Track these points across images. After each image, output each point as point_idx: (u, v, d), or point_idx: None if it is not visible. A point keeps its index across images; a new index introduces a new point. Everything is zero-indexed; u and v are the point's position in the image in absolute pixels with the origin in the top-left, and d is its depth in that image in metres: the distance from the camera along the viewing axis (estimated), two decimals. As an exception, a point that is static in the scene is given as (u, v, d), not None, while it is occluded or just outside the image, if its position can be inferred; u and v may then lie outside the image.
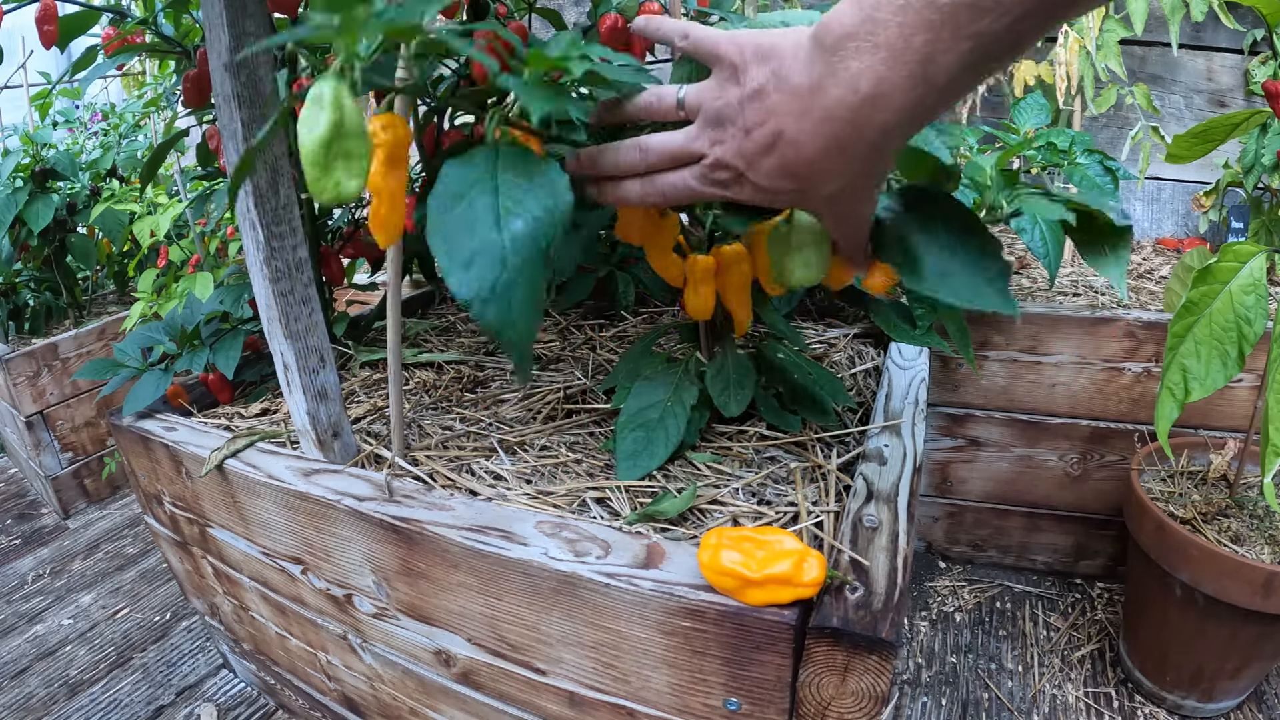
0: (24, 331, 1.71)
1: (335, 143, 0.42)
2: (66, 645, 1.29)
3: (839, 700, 0.52)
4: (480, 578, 0.63)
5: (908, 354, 0.97)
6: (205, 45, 0.62)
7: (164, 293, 1.51)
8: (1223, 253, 0.72)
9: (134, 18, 0.94)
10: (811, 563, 0.52)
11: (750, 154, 0.45)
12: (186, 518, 0.92)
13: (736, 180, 0.48)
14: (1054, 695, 1.10)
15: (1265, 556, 0.90)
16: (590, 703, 0.64)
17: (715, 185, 0.49)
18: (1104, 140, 1.58)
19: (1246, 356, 0.70)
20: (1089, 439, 1.24)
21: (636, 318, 1.15)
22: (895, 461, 0.71)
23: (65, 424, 1.68)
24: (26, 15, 0.89)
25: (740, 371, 0.76)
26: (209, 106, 0.93)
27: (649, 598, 0.55)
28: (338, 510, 0.70)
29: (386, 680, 0.82)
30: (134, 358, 0.96)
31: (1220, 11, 1.28)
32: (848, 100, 0.39)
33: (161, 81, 1.78)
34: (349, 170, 0.43)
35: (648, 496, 0.69)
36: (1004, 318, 1.19)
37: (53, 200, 1.55)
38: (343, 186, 0.43)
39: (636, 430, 0.73)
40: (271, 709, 1.12)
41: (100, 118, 2.10)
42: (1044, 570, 1.37)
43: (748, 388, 0.75)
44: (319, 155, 0.42)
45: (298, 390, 0.72)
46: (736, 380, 0.75)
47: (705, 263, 0.67)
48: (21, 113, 1.90)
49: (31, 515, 1.74)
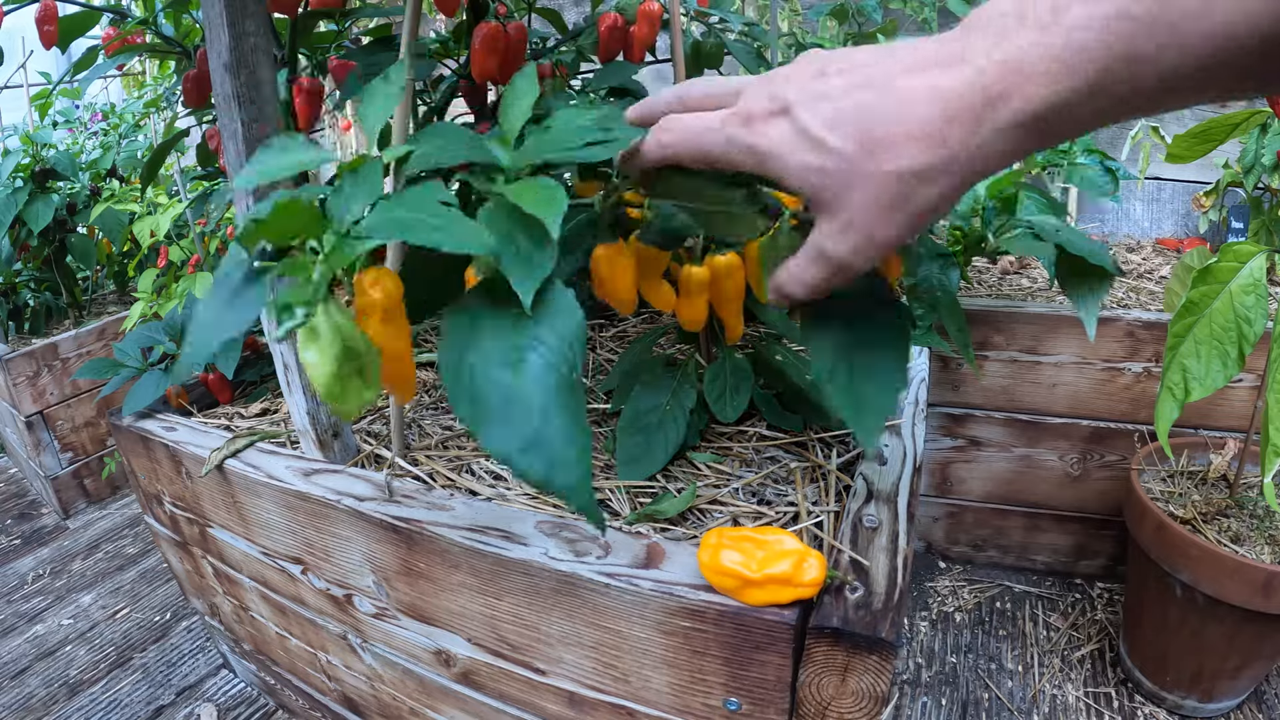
0: (24, 331, 1.71)
1: (345, 366, 0.40)
2: (66, 645, 1.29)
3: (839, 700, 0.52)
4: (480, 578, 0.63)
5: (908, 354, 0.97)
6: (205, 45, 0.62)
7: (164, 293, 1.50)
8: (1223, 253, 0.72)
9: (134, 18, 0.94)
10: (811, 563, 0.52)
11: (811, 88, 0.36)
12: (186, 518, 0.92)
13: (771, 117, 0.37)
14: (1054, 695, 1.10)
15: (1265, 556, 0.90)
16: (590, 703, 0.64)
17: (740, 123, 0.38)
18: (1104, 140, 1.58)
19: (1246, 356, 0.70)
20: (1089, 439, 1.24)
21: (636, 318, 1.15)
22: (895, 461, 0.71)
23: (65, 424, 1.68)
24: (26, 15, 0.89)
25: (738, 376, 0.76)
26: (209, 106, 0.93)
27: (649, 598, 0.55)
28: (338, 510, 0.70)
29: (386, 680, 0.82)
30: (134, 358, 0.96)
31: (1220, 11, 1.27)
32: (987, 70, 0.31)
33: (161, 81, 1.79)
34: (366, 381, 0.41)
35: (648, 496, 0.69)
36: (1004, 317, 1.19)
37: (53, 200, 1.55)
38: (364, 399, 0.41)
39: (636, 435, 0.73)
40: (271, 709, 1.12)
41: (100, 118, 2.11)
42: (1044, 570, 1.37)
43: (744, 393, 0.75)
44: (334, 387, 0.40)
45: (298, 390, 0.72)
46: (733, 386, 0.75)
47: (699, 275, 0.67)
48: (21, 113, 1.91)
49: (31, 515, 1.74)
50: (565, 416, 0.39)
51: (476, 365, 0.40)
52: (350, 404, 0.41)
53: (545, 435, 0.38)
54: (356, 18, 1.03)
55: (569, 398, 0.39)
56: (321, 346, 0.39)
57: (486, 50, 0.79)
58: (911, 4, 1.41)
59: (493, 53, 0.80)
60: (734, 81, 0.43)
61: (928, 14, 1.42)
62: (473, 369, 0.40)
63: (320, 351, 0.39)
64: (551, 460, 0.38)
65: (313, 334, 0.39)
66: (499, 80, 0.83)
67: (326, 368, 0.39)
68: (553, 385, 0.39)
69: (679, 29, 0.66)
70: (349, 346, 0.40)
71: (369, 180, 0.41)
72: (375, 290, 0.43)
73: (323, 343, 0.39)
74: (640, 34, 0.89)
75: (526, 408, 0.39)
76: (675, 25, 0.66)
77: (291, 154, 0.44)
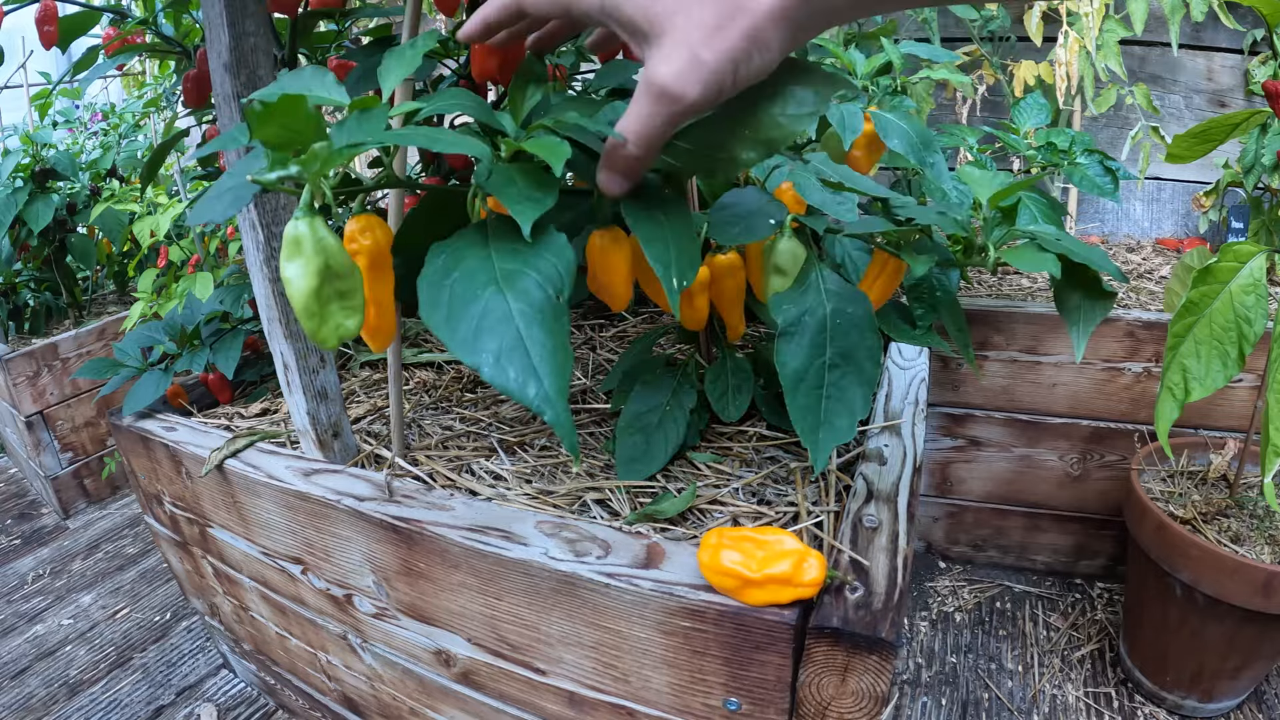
0: (24, 331, 1.71)
1: (325, 286, 0.39)
2: (66, 645, 1.29)
3: (839, 700, 0.52)
4: (480, 578, 0.63)
5: (907, 354, 0.97)
6: (205, 45, 0.62)
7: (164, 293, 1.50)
8: (1223, 253, 0.71)
9: (134, 18, 0.94)
10: (811, 563, 0.52)
11: None
12: (186, 518, 0.92)
13: None
14: (1054, 695, 1.10)
15: (1265, 556, 0.90)
16: (590, 703, 0.64)
17: None
18: (1104, 140, 1.58)
19: (1247, 356, 0.70)
20: (1089, 439, 1.24)
21: (636, 318, 1.15)
22: (895, 461, 0.71)
23: (65, 424, 1.68)
24: (26, 15, 0.89)
25: (739, 376, 0.76)
26: (209, 106, 0.93)
27: (649, 598, 0.55)
28: (338, 510, 0.70)
29: (386, 680, 0.82)
30: (134, 358, 0.96)
31: (1220, 11, 1.28)
32: None
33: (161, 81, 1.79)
34: (346, 309, 0.40)
35: (648, 496, 0.69)
36: (1004, 317, 1.19)
37: (53, 200, 1.55)
38: (343, 329, 0.41)
39: (635, 435, 0.73)
40: (271, 709, 1.12)
41: (100, 118, 2.10)
42: (1044, 570, 1.37)
43: (746, 392, 0.75)
44: (311, 305, 0.39)
45: (298, 390, 0.72)
46: (735, 385, 0.75)
47: (700, 274, 0.67)
48: (21, 113, 1.91)
49: (31, 515, 1.74)
50: (546, 330, 0.38)
51: (459, 281, 0.39)
52: (328, 328, 0.40)
53: (523, 344, 0.37)
54: (356, 18, 1.03)
55: (553, 316, 0.38)
56: (304, 259, 0.38)
57: (486, 50, 0.79)
58: (911, 4, 1.41)
59: (493, 53, 0.79)
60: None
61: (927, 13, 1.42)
62: (455, 284, 0.39)
63: (303, 264, 0.38)
64: (527, 369, 0.37)
65: (296, 245, 0.38)
66: (499, 80, 0.83)
67: (308, 282, 0.38)
68: (538, 301, 0.38)
69: (679, 29, 0.66)
70: (332, 266, 0.39)
71: (375, 120, 0.41)
72: (365, 236, 0.44)
73: (305, 255, 0.38)
74: (640, 34, 0.89)
75: (505, 316, 0.38)
76: (675, 25, 0.66)
77: (311, 84, 0.44)
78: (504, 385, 0.36)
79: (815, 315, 0.54)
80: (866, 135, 0.78)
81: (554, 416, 0.36)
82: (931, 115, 1.58)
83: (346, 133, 0.40)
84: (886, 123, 0.76)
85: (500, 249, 0.41)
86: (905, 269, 0.63)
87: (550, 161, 0.40)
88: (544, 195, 0.41)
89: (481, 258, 0.40)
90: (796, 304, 0.55)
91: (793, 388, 0.52)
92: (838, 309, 0.55)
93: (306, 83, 0.44)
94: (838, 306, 0.55)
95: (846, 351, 0.53)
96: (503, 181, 0.41)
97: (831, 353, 0.53)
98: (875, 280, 0.65)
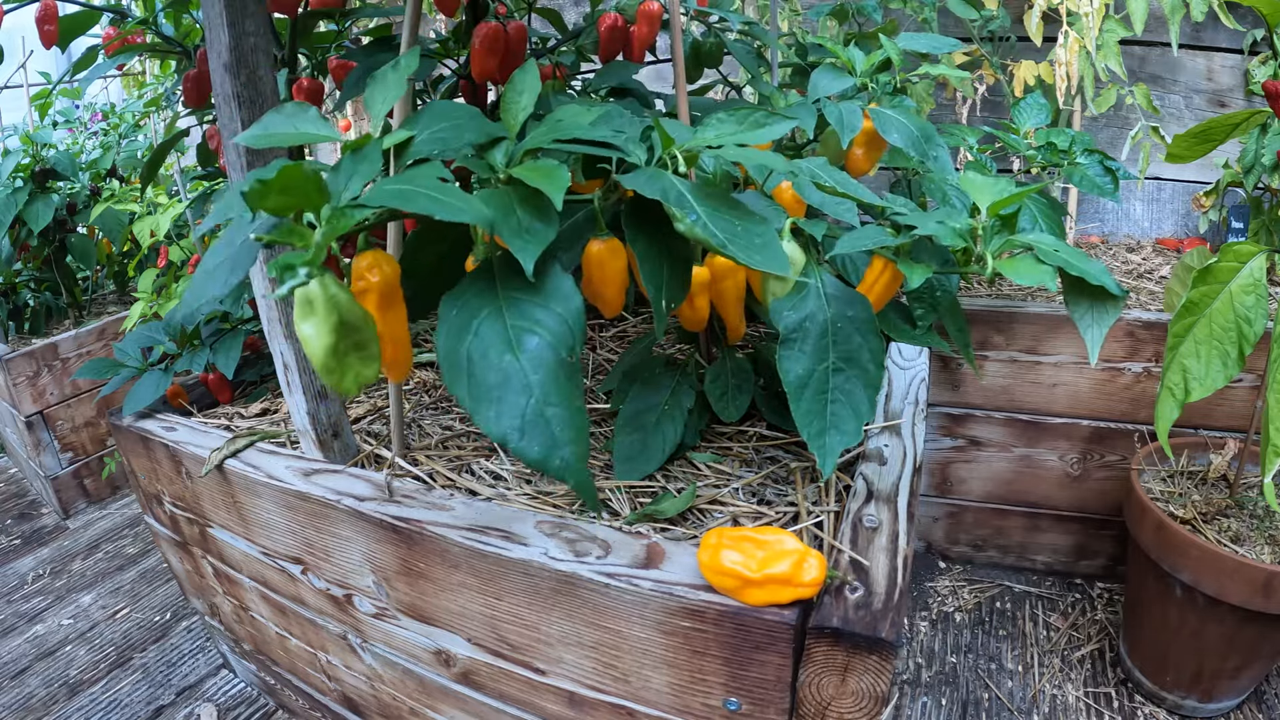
0: (24, 331, 1.71)
1: (342, 341, 0.39)
2: (66, 645, 1.29)
3: (839, 700, 0.52)
4: (480, 578, 0.63)
5: (908, 354, 0.97)
6: (205, 45, 0.62)
7: (164, 293, 1.51)
8: (1223, 253, 0.71)
9: (134, 18, 0.94)
10: (811, 563, 0.52)
11: None
12: (186, 518, 0.92)
13: None
14: (1054, 695, 1.10)
15: (1265, 556, 0.90)
16: (590, 703, 0.64)
17: None
18: (1104, 140, 1.58)
19: (1247, 356, 0.70)
20: (1089, 439, 1.24)
21: (636, 318, 1.15)
22: (895, 461, 0.71)
23: (65, 424, 1.68)
24: (26, 15, 0.89)
25: (739, 376, 0.76)
26: (209, 106, 0.93)
27: (649, 598, 0.55)
28: (338, 510, 0.70)
29: (386, 680, 0.82)
30: (134, 358, 0.96)
31: (1220, 11, 1.28)
32: None
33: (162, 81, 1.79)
34: (364, 359, 0.41)
35: (647, 496, 0.69)
36: (1004, 317, 1.19)
37: (53, 200, 1.55)
38: (363, 376, 0.41)
39: (633, 434, 0.73)
40: (271, 709, 1.12)
41: (100, 118, 2.10)
42: (1044, 570, 1.37)
43: (746, 392, 0.75)
44: (330, 363, 0.39)
45: (298, 390, 0.72)
46: (735, 385, 0.75)
47: (699, 275, 0.67)
48: (21, 113, 1.90)
49: (31, 515, 1.74)
50: (563, 397, 0.39)
51: (474, 348, 0.40)
52: (348, 381, 0.40)
53: (543, 415, 0.38)
54: (356, 18, 1.03)
55: (567, 379, 0.39)
56: (318, 318, 0.38)
57: (486, 50, 0.79)
58: (911, 4, 1.41)
59: (493, 53, 0.80)
60: None
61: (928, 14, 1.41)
62: (470, 352, 0.40)
63: (317, 324, 0.38)
64: (549, 440, 0.38)
65: (309, 305, 0.38)
66: (499, 80, 0.83)
67: (324, 340, 0.38)
68: (551, 366, 0.39)
69: (679, 29, 0.66)
70: (346, 320, 0.39)
71: (369, 160, 0.41)
72: (373, 274, 0.43)
73: (319, 314, 0.38)
74: (640, 34, 0.89)
75: (524, 388, 0.39)
76: (675, 25, 0.66)
77: (297, 122, 0.44)
78: (530, 459, 0.38)
79: (816, 321, 0.54)
80: (866, 133, 0.78)
81: (576, 483, 0.39)
82: (931, 115, 1.58)
83: (344, 178, 0.40)
84: (886, 118, 0.75)
85: (509, 300, 0.41)
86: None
87: (549, 193, 0.39)
88: (545, 226, 0.41)
89: (492, 312, 0.41)
90: (797, 309, 0.55)
91: (797, 394, 0.52)
92: (839, 313, 0.55)
93: (292, 122, 0.44)
94: (839, 310, 0.55)
95: (850, 355, 0.53)
96: (502, 214, 0.41)
97: (834, 357, 0.54)
98: (875, 282, 0.65)
